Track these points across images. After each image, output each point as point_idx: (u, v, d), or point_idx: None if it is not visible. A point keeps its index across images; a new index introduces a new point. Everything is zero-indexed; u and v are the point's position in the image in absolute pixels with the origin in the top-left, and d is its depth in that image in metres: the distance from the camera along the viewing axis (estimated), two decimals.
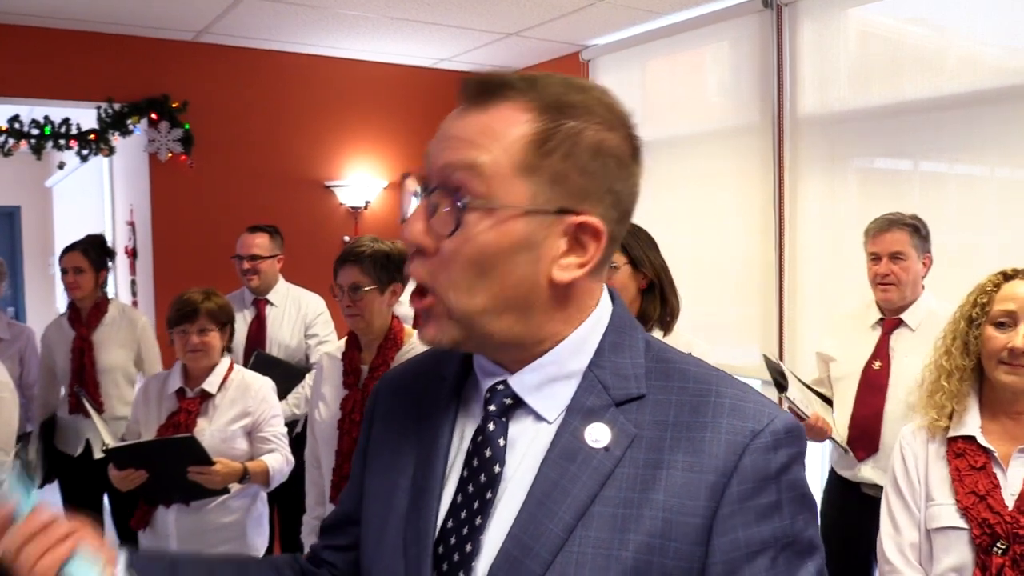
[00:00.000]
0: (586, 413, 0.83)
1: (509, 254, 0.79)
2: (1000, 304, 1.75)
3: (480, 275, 0.79)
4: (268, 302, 3.76)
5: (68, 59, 4.25)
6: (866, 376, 2.77)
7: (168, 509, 2.64)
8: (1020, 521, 1.62)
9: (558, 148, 0.79)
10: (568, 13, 4.10)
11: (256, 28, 4.33)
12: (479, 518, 0.82)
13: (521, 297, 0.81)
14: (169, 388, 2.76)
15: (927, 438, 1.82)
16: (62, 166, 4.70)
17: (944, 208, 3.34)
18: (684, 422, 0.81)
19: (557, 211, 0.80)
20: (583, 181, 0.80)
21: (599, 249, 0.82)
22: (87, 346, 3.62)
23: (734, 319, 4.07)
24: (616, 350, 0.86)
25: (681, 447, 0.80)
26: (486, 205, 0.78)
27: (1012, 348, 1.70)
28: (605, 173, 0.81)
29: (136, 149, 4.62)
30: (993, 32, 3.17)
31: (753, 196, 3.97)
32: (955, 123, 3.25)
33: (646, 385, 0.84)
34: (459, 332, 0.83)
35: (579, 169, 0.80)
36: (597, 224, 0.81)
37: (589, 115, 0.81)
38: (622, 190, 0.83)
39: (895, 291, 2.72)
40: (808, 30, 3.75)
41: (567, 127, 0.80)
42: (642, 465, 0.80)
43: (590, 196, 0.81)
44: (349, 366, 2.46)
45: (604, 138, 0.81)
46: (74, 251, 3.65)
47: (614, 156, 0.82)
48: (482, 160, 0.79)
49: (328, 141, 4.98)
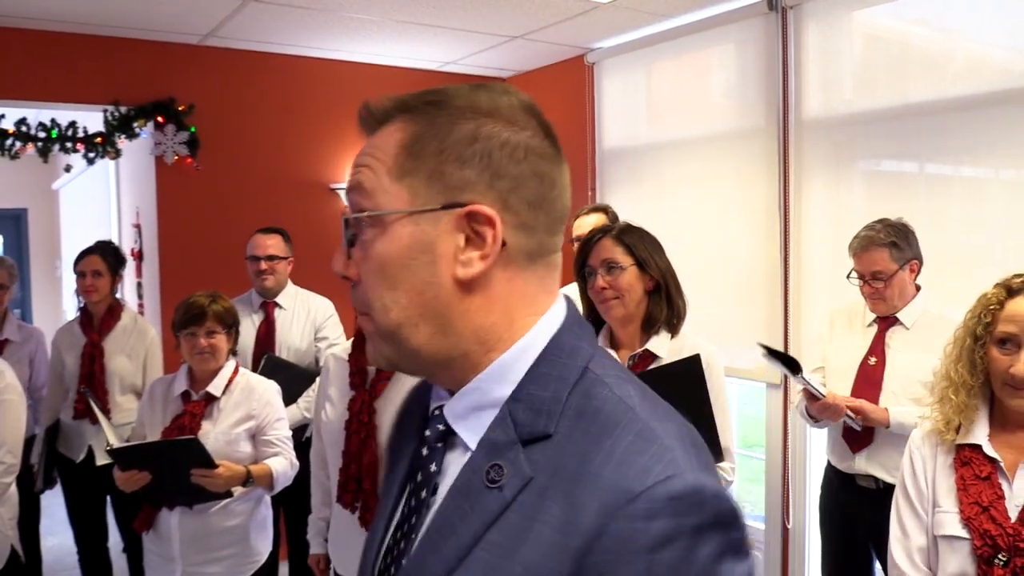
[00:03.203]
0: (490, 449, 0.76)
1: (406, 259, 0.78)
2: (1004, 325, 1.74)
3: (389, 287, 0.79)
4: (277, 305, 3.76)
5: (75, 62, 4.27)
6: (862, 371, 2.84)
7: (171, 512, 2.65)
8: (1022, 534, 1.62)
9: (428, 145, 0.78)
10: (573, 16, 4.11)
11: (262, 31, 4.35)
12: (403, 543, 0.82)
13: (431, 302, 0.78)
14: (174, 391, 2.78)
15: (936, 443, 1.81)
16: (68, 169, 4.71)
17: (950, 210, 3.34)
18: (572, 471, 0.71)
19: (442, 207, 0.77)
20: (465, 172, 0.78)
21: (496, 237, 0.77)
22: (98, 352, 3.64)
23: (739, 321, 4.07)
24: (539, 381, 0.78)
25: (560, 499, 0.70)
26: (372, 215, 0.79)
27: (1013, 374, 1.70)
28: (491, 159, 0.78)
29: (142, 152, 4.64)
30: (999, 34, 3.17)
31: (758, 198, 3.97)
32: (961, 125, 3.25)
33: (556, 424, 0.75)
34: (389, 350, 0.82)
35: (457, 160, 0.78)
36: (485, 210, 0.77)
37: (466, 110, 0.79)
38: (521, 173, 0.79)
39: (882, 304, 2.83)
40: (813, 32, 3.75)
41: (437, 124, 0.79)
42: (527, 513, 0.71)
43: (476, 184, 0.78)
44: (355, 367, 2.47)
45: (482, 126, 0.79)
46: (93, 254, 3.67)
47: (498, 140, 0.78)
48: (363, 177, 0.81)
49: (334, 144, 4.99)
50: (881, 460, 2.76)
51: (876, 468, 2.77)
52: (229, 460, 2.60)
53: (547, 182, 0.81)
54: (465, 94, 0.81)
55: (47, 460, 3.74)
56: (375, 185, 0.80)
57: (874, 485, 2.78)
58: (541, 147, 0.81)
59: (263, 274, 3.70)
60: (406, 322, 0.79)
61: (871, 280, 2.78)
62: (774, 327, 3.90)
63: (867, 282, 2.80)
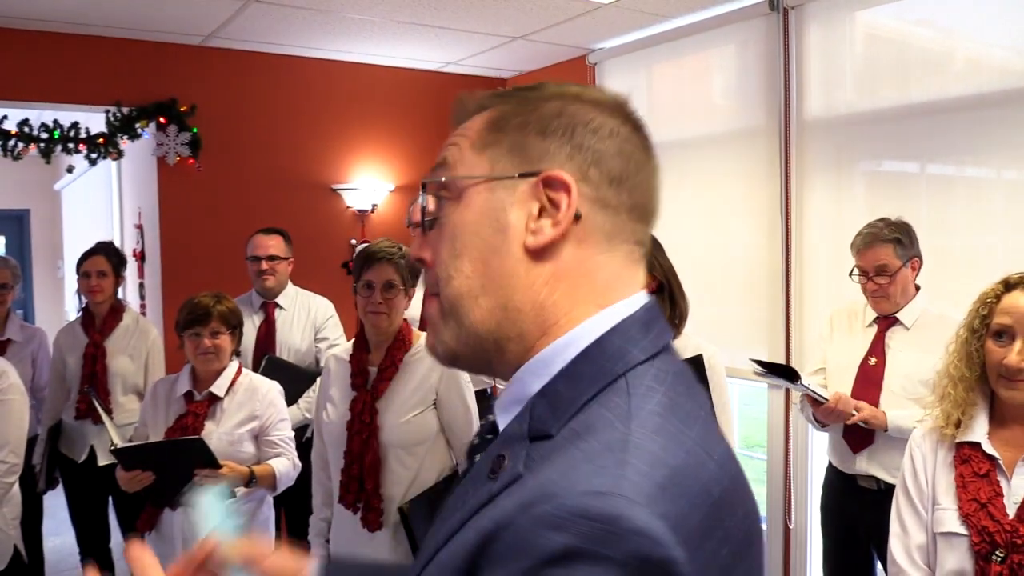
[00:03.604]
0: (504, 439, 0.75)
1: (476, 226, 0.77)
2: (999, 317, 1.76)
3: (455, 255, 0.77)
4: (277, 305, 3.76)
5: (77, 63, 4.28)
6: (863, 371, 2.85)
7: (174, 511, 2.65)
8: (1020, 530, 1.63)
9: (514, 119, 0.78)
10: (574, 17, 4.11)
11: (264, 32, 4.35)
12: None
13: (495, 272, 0.76)
14: (177, 391, 2.78)
15: (937, 441, 1.83)
16: (71, 170, 4.72)
17: (951, 211, 3.35)
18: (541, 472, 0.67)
19: (520, 175, 0.76)
20: (546, 143, 0.77)
21: (571, 204, 0.74)
22: (100, 352, 3.64)
23: (741, 322, 4.07)
24: (571, 379, 0.73)
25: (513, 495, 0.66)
26: (452, 185, 0.79)
27: (1006, 365, 1.71)
28: (573, 132, 0.77)
29: (144, 153, 4.64)
30: (999, 34, 3.17)
31: (760, 199, 3.97)
32: (962, 125, 3.25)
33: (562, 426, 0.70)
34: (449, 333, 0.79)
35: (540, 133, 0.77)
36: (561, 175, 0.75)
37: (555, 95, 0.79)
38: (605, 149, 0.77)
39: (886, 302, 2.83)
40: (814, 33, 3.75)
41: (525, 103, 0.79)
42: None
43: (556, 155, 0.76)
44: (357, 367, 2.47)
45: (568, 104, 0.78)
46: (98, 255, 3.68)
47: (584, 117, 0.77)
48: (447, 153, 0.81)
49: (335, 144, 5.00)
50: (882, 461, 2.76)
51: (877, 469, 2.78)
52: (232, 460, 2.61)
53: (633, 163, 0.78)
54: (557, 84, 0.81)
55: (49, 460, 3.75)
56: (457, 158, 0.80)
57: (875, 486, 2.79)
58: (627, 132, 0.79)
59: (264, 274, 3.70)
60: (467, 293, 0.77)
61: (875, 276, 2.78)
62: (776, 327, 3.90)
63: (871, 279, 2.79)
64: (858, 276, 2.85)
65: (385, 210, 5.15)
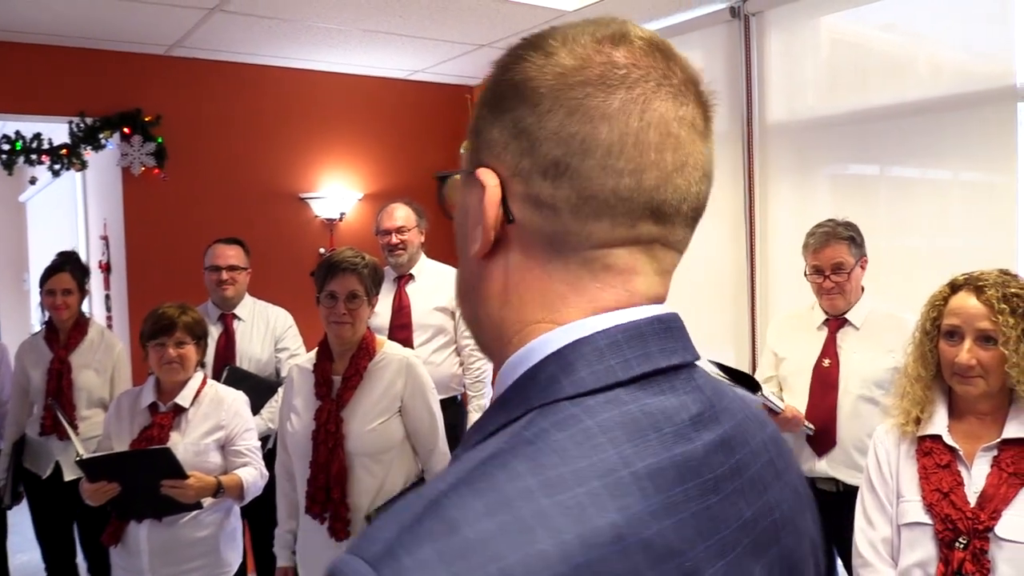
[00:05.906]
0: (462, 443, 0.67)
1: (459, 227, 0.69)
2: (948, 319, 1.87)
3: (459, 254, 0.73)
4: (236, 316, 3.72)
5: (39, 74, 4.23)
6: (818, 374, 2.88)
7: (140, 524, 2.63)
8: (980, 517, 1.71)
9: (484, 94, 0.67)
10: (539, 24, 4.10)
11: (229, 41, 4.33)
12: None
13: (468, 279, 0.69)
14: (142, 403, 2.76)
15: (899, 437, 1.91)
16: (34, 181, 4.66)
17: (911, 212, 3.40)
18: None
19: (468, 172, 0.66)
20: (493, 131, 0.64)
21: (487, 204, 0.62)
22: (65, 368, 3.59)
23: (706, 325, 4.10)
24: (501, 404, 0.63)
25: None
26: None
27: (958, 363, 1.81)
28: (514, 113, 0.62)
29: (109, 163, 4.60)
30: (958, 38, 3.23)
31: (724, 203, 4.01)
32: (921, 128, 3.31)
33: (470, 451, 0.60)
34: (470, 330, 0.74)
35: (494, 113, 0.64)
36: (479, 173, 0.63)
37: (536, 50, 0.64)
38: (541, 130, 0.61)
39: (841, 299, 2.86)
40: (776, 39, 3.80)
41: (503, 70, 0.66)
42: None
43: (496, 144, 0.64)
44: (321, 377, 2.46)
45: (528, 70, 0.63)
46: (62, 272, 3.63)
47: (531, 89, 0.62)
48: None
49: (302, 153, 4.98)
50: (844, 460, 2.79)
51: (838, 469, 2.80)
52: (199, 471, 2.59)
53: (576, 145, 0.60)
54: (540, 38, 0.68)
55: (14, 476, 3.70)
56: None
57: (834, 488, 2.81)
58: (577, 103, 0.61)
59: (223, 284, 3.65)
60: (459, 296, 0.73)
61: (832, 274, 2.81)
62: (741, 331, 3.94)
63: (827, 276, 2.82)
64: (811, 276, 2.88)
65: (353, 218, 5.14)
